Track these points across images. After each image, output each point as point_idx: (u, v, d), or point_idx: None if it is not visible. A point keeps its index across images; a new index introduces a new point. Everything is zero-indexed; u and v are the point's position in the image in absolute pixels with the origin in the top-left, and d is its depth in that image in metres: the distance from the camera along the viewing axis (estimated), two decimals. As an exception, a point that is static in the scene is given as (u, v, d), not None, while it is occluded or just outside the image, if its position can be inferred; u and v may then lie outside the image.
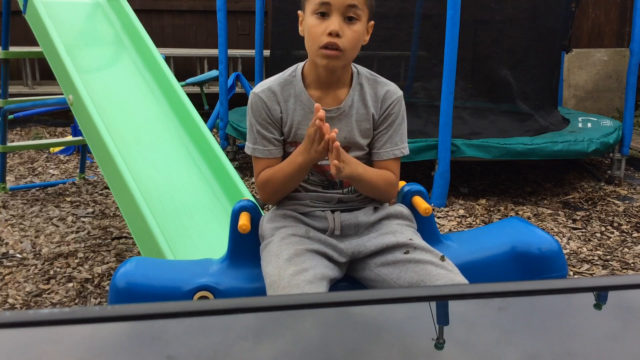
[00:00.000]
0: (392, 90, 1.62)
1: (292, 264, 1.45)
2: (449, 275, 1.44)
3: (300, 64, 1.62)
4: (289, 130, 1.59)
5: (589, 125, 4.43)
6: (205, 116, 4.03)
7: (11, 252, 3.06)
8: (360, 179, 1.53)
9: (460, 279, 1.45)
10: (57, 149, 5.04)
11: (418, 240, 1.56)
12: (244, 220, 1.59)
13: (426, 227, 1.69)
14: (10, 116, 4.28)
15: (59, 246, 3.12)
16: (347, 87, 1.60)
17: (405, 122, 1.65)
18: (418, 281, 1.45)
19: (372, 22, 1.57)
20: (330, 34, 1.48)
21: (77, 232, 3.32)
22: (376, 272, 1.53)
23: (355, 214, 1.61)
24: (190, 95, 3.10)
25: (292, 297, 0.86)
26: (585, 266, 2.93)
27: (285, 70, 1.63)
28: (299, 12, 1.58)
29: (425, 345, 0.65)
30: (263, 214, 1.72)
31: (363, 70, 1.63)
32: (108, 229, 3.35)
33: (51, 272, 2.82)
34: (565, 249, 3.10)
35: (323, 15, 1.49)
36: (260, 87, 1.60)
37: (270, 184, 1.59)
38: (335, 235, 1.59)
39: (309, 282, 1.41)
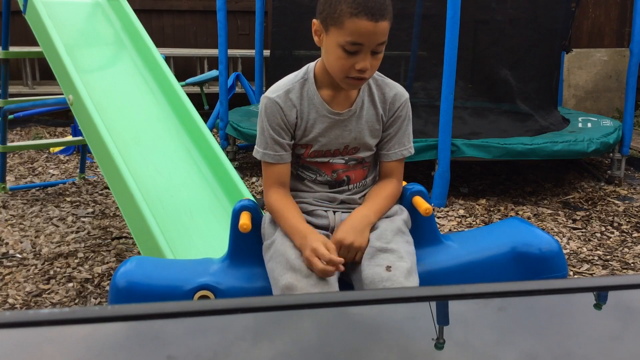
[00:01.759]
0: (400, 92, 1.64)
1: (305, 270, 1.46)
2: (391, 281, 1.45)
3: (312, 65, 1.62)
4: (301, 134, 1.59)
5: (589, 125, 4.43)
6: (205, 116, 4.03)
7: (11, 252, 3.06)
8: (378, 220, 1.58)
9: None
10: (57, 149, 5.04)
11: (394, 244, 1.54)
12: (244, 219, 1.59)
13: (426, 227, 1.69)
14: (10, 116, 4.28)
15: (59, 246, 3.12)
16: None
17: (411, 122, 1.67)
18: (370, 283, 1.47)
19: None
20: (359, 71, 1.47)
21: (77, 232, 3.32)
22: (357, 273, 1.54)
23: None
24: (190, 95, 3.10)
25: (291, 297, 0.86)
26: (585, 266, 2.93)
27: (297, 72, 1.63)
28: (315, 20, 1.53)
29: (425, 345, 0.65)
30: (264, 213, 1.72)
31: None
32: (108, 229, 3.35)
33: (51, 272, 2.82)
34: (565, 249, 3.10)
35: (352, 52, 1.46)
36: (276, 92, 1.58)
37: (273, 213, 1.61)
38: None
39: (328, 284, 1.44)
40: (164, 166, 2.67)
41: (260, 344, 0.63)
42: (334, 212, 1.63)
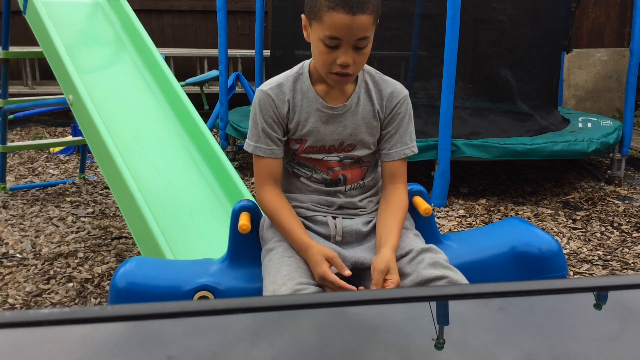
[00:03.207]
0: (398, 89, 1.62)
1: (290, 279, 1.43)
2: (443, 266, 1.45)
3: (307, 62, 1.61)
4: (294, 127, 1.58)
5: (589, 125, 4.43)
6: (205, 116, 4.03)
7: (11, 252, 3.06)
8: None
9: (450, 273, 1.44)
10: (57, 149, 5.04)
11: (417, 242, 1.55)
12: (244, 220, 1.59)
13: (426, 227, 1.68)
14: (10, 116, 4.28)
15: (59, 246, 3.12)
16: (353, 83, 1.60)
17: (412, 121, 1.65)
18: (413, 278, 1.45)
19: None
20: (341, 66, 1.46)
21: (77, 232, 3.32)
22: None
23: (355, 221, 1.61)
24: (190, 95, 3.09)
25: (291, 297, 0.86)
26: (585, 266, 2.93)
27: (292, 68, 1.62)
28: (303, 15, 1.53)
29: (425, 346, 0.65)
30: (264, 214, 1.72)
31: (369, 67, 1.63)
32: (108, 229, 3.35)
33: (51, 272, 2.82)
34: (565, 249, 3.10)
35: (332, 46, 1.45)
36: (269, 85, 1.58)
37: (268, 213, 1.60)
38: (337, 242, 1.59)
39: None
40: (164, 166, 2.67)
41: (260, 344, 0.63)
42: (334, 217, 1.61)
